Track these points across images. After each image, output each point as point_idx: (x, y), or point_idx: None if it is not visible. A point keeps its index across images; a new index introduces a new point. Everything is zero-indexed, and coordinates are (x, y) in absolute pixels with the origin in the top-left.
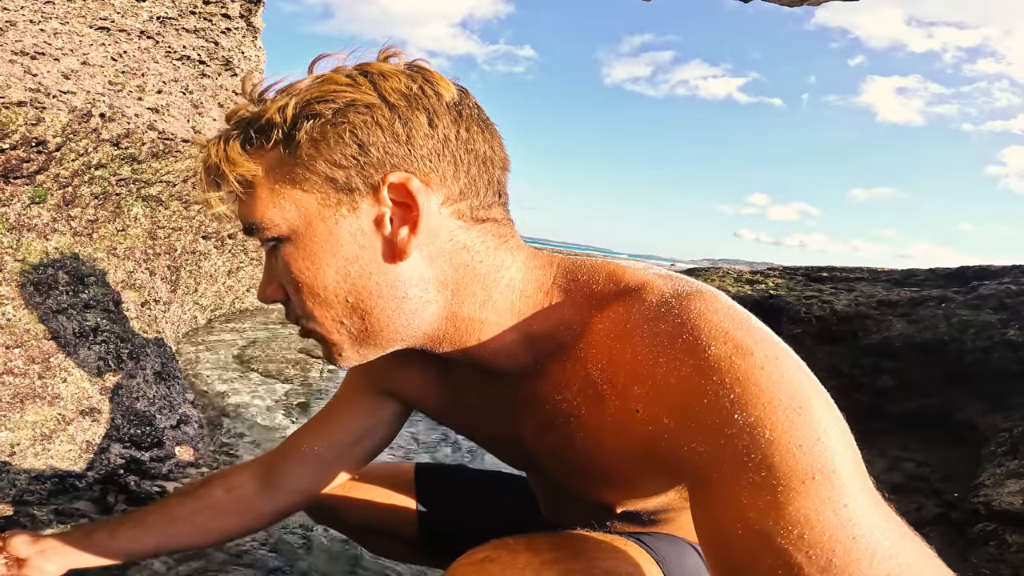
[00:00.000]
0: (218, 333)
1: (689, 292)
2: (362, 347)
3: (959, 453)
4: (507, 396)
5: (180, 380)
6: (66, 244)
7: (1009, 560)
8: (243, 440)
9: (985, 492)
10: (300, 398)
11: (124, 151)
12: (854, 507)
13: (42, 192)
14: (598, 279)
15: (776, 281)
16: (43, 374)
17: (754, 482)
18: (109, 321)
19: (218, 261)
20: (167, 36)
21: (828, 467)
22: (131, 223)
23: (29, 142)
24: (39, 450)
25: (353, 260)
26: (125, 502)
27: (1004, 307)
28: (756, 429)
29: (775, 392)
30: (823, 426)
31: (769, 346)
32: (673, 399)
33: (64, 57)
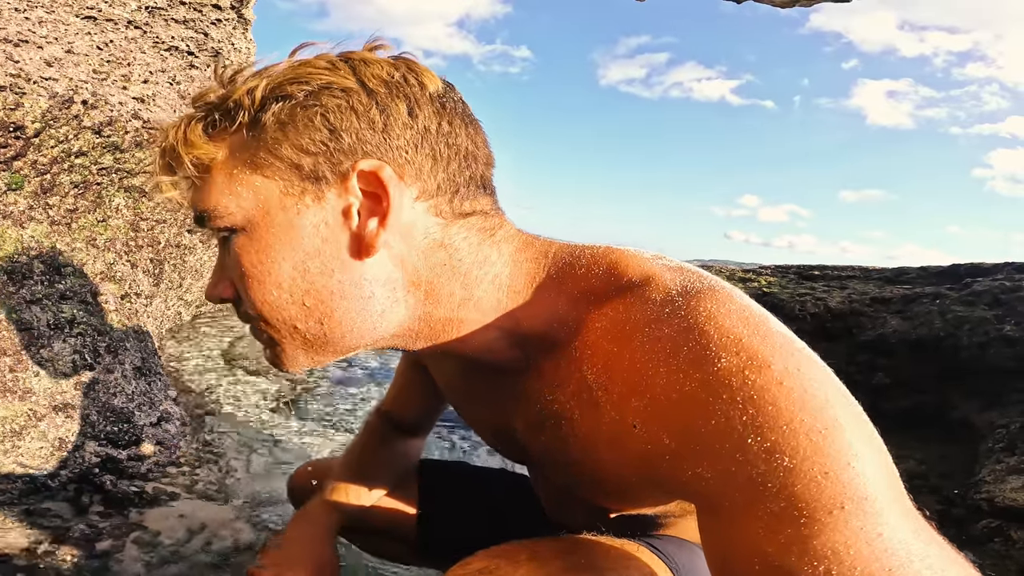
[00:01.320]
0: (203, 329)
1: (699, 290)
2: (317, 353)
3: (955, 450)
4: (498, 389)
5: (162, 376)
6: (43, 233)
7: (1015, 556)
8: (228, 439)
9: (987, 489)
10: (287, 395)
11: (106, 139)
12: (890, 536)
13: (19, 179)
14: (597, 272)
15: (768, 279)
16: (14, 367)
17: (772, 513)
18: (86, 313)
19: (204, 256)
20: (155, 26)
21: (859, 494)
22: (112, 214)
23: (7, 127)
24: (8, 447)
25: (314, 255)
26: (101, 503)
27: (999, 303)
28: (774, 455)
29: (796, 412)
30: (854, 449)
31: (789, 355)
32: (675, 418)
33: (48, 45)
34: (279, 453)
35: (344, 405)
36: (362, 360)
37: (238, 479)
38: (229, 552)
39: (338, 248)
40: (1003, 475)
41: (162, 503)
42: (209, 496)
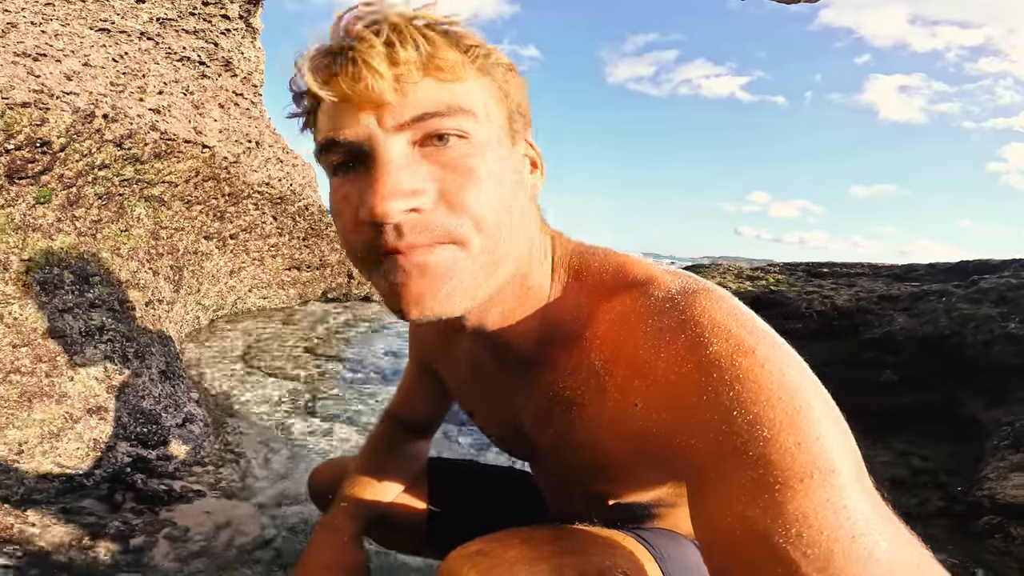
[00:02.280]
0: (221, 333)
1: (695, 289)
2: (488, 267)
3: (963, 448)
4: (510, 380)
5: (184, 379)
6: (71, 244)
7: (1015, 553)
8: (248, 439)
9: (989, 485)
10: (303, 396)
11: (127, 151)
12: (853, 507)
13: (47, 193)
14: (608, 269)
15: (777, 277)
16: (50, 372)
17: (752, 479)
18: (114, 320)
19: (220, 261)
20: (167, 37)
21: (827, 466)
22: (134, 223)
23: (34, 143)
24: (47, 448)
25: (515, 179)
26: (133, 500)
27: (1005, 300)
28: (755, 427)
29: (775, 391)
30: (823, 426)
31: (771, 346)
32: (672, 395)
33: (66, 58)
34: (296, 452)
35: (356, 405)
36: (373, 362)
37: (258, 477)
38: (252, 547)
39: (523, 180)
40: (1006, 472)
41: (190, 500)
42: (232, 494)
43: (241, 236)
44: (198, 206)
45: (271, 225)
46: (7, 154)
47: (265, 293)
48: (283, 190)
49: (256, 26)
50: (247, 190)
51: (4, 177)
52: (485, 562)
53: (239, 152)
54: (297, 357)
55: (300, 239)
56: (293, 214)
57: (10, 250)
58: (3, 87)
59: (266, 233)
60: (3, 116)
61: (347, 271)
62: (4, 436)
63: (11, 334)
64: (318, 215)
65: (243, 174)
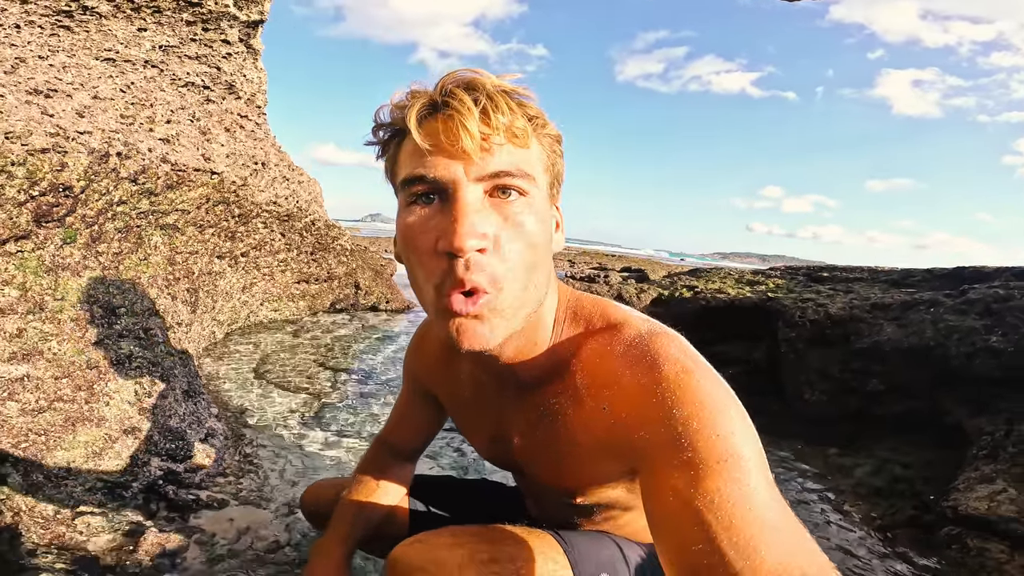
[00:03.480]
0: (235, 347)
1: (657, 331)
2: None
3: (945, 455)
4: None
5: (204, 396)
6: (97, 278)
7: (968, 564)
8: (264, 451)
9: (955, 496)
10: (313, 409)
11: (142, 186)
12: (754, 486)
13: (72, 233)
14: (596, 313)
15: (777, 282)
16: (89, 399)
17: (683, 460)
18: (140, 348)
19: (232, 279)
20: (171, 64)
21: (737, 454)
22: (152, 251)
23: (56, 188)
24: (92, 466)
25: (548, 236)
26: (166, 509)
27: (990, 312)
28: (688, 421)
29: (703, 397)
30: (737, 426)
31: (706, 371)
32: (631, 400)
33: (76, 92)
34: (308, 462)
35: (363, 415)
36: (380, 372)
37: (274, 486)
38: (270, 549)
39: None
40: (974, 484)
41: (215, 508)
42: (252, 502)
43: (252, 253)
44: (210, 229)
45: (280, 241)
46: (33, 200)
47: (276, 306)
48: (290, 207)
49: (257, 47)
50: (256, 210)
51: (32, 222)
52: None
53: (246, 175)
54: (307, 369)
55: (308, 253)
56: (300, 230)
57: (44, 291)
58: (22, 133)
59: (275, 249)
60: (25, 164)
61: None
62: (54, 457)
63: (52, 367)
64: (324, 229)
65: (251, 195)
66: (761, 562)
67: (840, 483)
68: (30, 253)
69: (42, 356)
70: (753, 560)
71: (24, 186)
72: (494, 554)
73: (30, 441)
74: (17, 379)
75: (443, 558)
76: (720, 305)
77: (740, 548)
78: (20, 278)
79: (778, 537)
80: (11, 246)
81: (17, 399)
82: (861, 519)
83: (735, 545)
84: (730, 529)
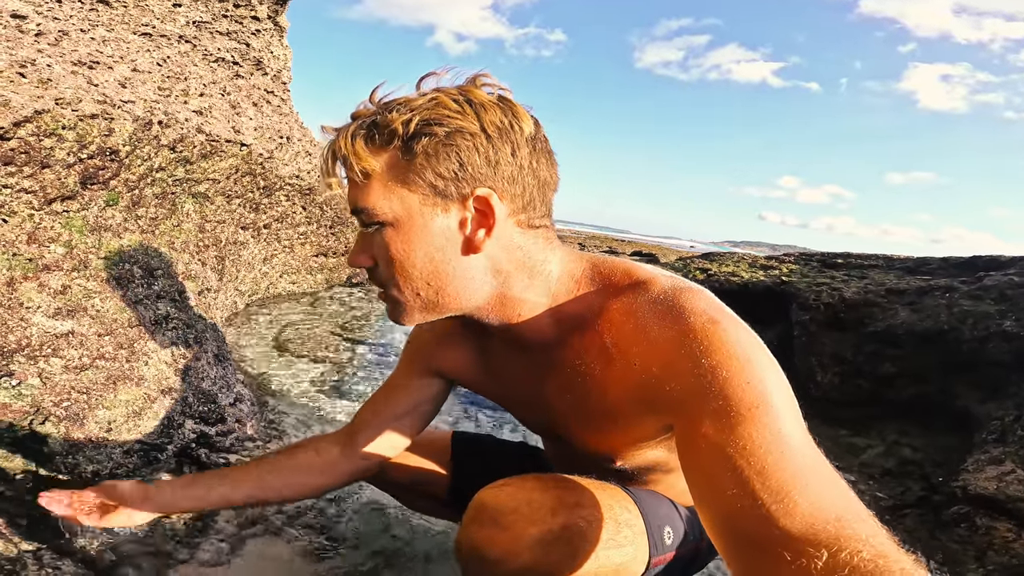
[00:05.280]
0: (256, 317)
1: (684, 287)
2: (428, 313)
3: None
4: (535, 363)
5: (232, 362)
6: (136, 241)
7: (976, 542)
8: (287, 418)
9: (964, 477)
10: (334, 377)
11: (179, 154)
12: (786, 432)
13: (115, 196)
14: (617, 272)
15: (791, 267)
16: (129, 358)
17: (714, 409)
18: (176, 309)
19: (255, 249)
20: (203, 39)
21: (768, 401)
22: (184, 218)
23: (104, 152)
24: (131, 426)
25: (439, 249)
26: (198, 471)
27: (1004, 298)
28: (717, 370)
29: (732, 347)
30: (767, 373)
31: (732, 321)
32: (661, 354)
33: (116, 65)
34: (329, 429)
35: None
36: (397, 346)
37: None
38: (297, 513)
39: (455, 246)
40: (983, 465)
41: None
42: None
43: (274, 226)
44: (237, 199)
45: (301, 215)
46: (81, 163)
47: (294, 279)
48: (312, 182)
49: (283, 25)
50: (279, 183)
51: (79, 184)
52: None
53: (272, 148)
54: (326, 341)
55: (327, 227)
56: (321, 204)
57: (88, 250)
58: (72, 100)
59: (296, 222)
60: (76, 128)
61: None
62: (96, 416)
63: (96, 324)
64: (343, 205)
65: (276, 168)
66: (795, 505)
67: (851, 463)
68: (75, 213)
69: (86, 312)
70: (787, 504)
71: (74, 149)
72: (579, 499)
73: (72, 399)
74: (62, 335)
75: (537, 500)
76: (733, 288)
77: (773, 492)
78: (66, 236)
79: (812, 481)
80: (58, 206)
81: (61, 355)
82: (870, 499)
83: (768, 489)
84: (763, 474)
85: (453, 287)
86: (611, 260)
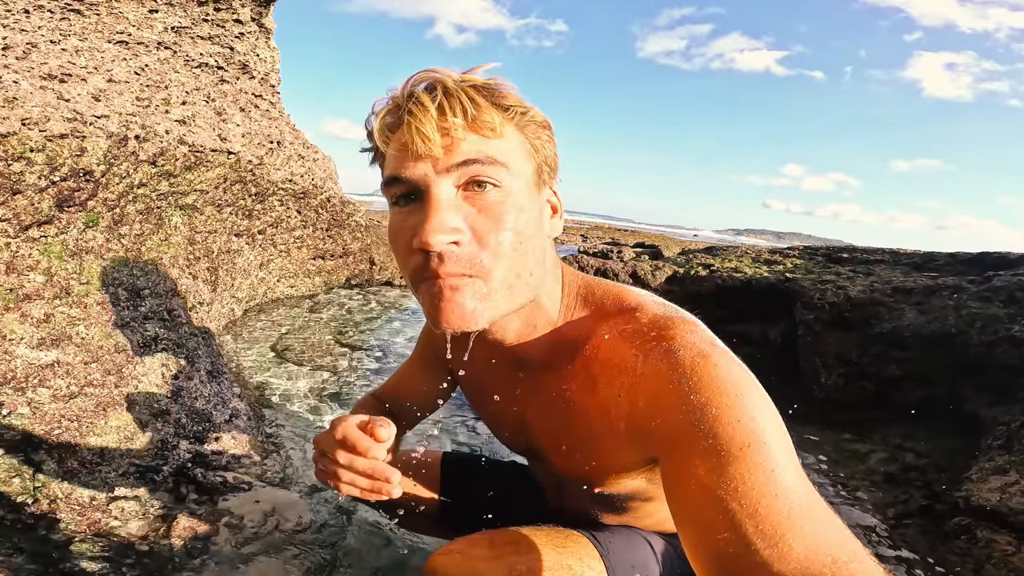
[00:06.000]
0: (254, 323)
1: (674, 317)
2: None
3: (960, 444)
4: (522, 382)
5: (227, 376)
6: (120, 261)
7: (975, 555)
8: (285, 431)
9: (967, 487)
10: (332, 387)
11: (160, 168)
12: (779, 472)
13: (94, 217)
14: (608, 297)
15: (795, 262)
16: (119, 383)
17: (704, 448)
18: (165, 329)
19: (250, 256)
20: (184, 45)
21: (760, 439)
22: (172, 232)
23: (77, 173)
24: (124, 450)
25: (534, 221)
26: (195, 491)
27: (1014, 300)
28: (706, 407)
29: (722, 382)
30: (758, 410)
31: (724, 355)
32: (648, 387)
33: (90, 76)
34: None
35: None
36: (396, 349)
37: (297, 467)
38: (295, 531)
39: (541, 224)
40: (987, 474)
41: (241, 490)
42: (275, 483)
43: (268, 231)
44: (228, 208)
45: (296, 219)
46: (54, 185)
47: (292, 282)
48: (305, 185)
49: (269, 26)
50: (272, 188)
51: (54, 207)
52: (458, 558)
53: (262, 154)
54: (325, 346)
55: (324, 230)
56: (316, 207)
57: (70, 276)
58: (39, 119)
59: (291, 226)
60: (44, 150)
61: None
62: (87, 443)
63: (82, 352)
64: (340, 206)
65: (267, 174)
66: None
67: (854, 469)
68: (53, 238)
69: (71, 341)
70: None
71: (44, 172)
72: (530, 564)
73: (63, 428)
74: (47, 365)
75: (481, 571)
76: (736, 285)
77: (767, 536)
78: (45, 263)
79: (806, 523)
80: (34, 231)
81: (48, 385)
82: (872, 508)
83: (762, 533)
84: (755, 516)
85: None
86: (603, 283)
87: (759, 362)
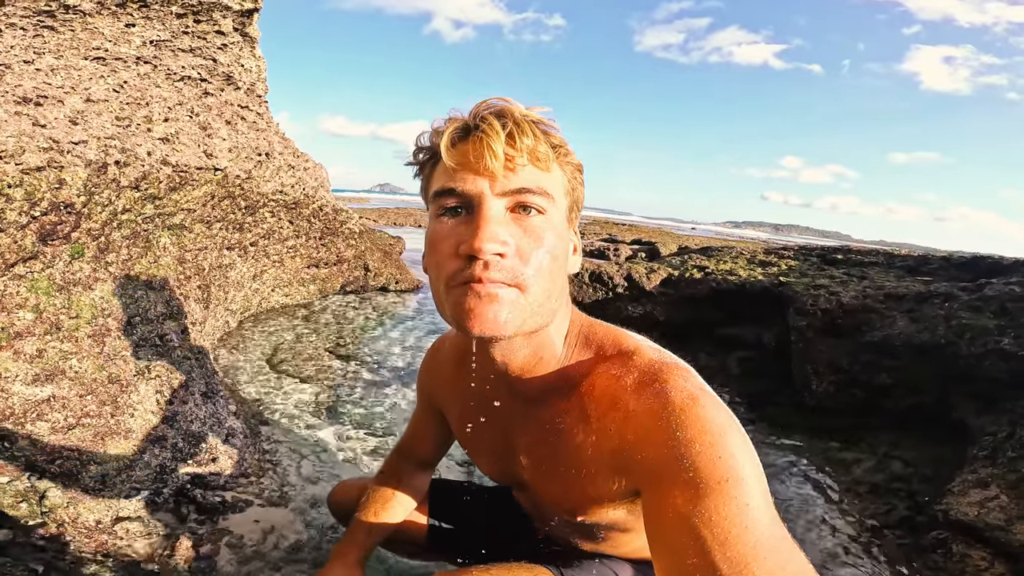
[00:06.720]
0: (249, 335)
1: (668, 362)
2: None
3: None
4: (513, 413)
5: (222, 394)
6: (109, 291)
7: (949, 569)
8: (281, 447)
9: (947, 500)
10: (327, 401)
11: (144, 192)
12: (753, 507)
13: (79, 248)
14: (608, 340)
15: (790, 263)
16: (114, 413)
17: (685, 480)
18: (158, 356)
19: (243, 268)
20: (164, 58)
21: (737, 476)
22: (161, 253)
23: (57, 206)
24: (124, 477)
25: (565, 253)
26: (195, 512)
27: (1005, 312)
28: (691, 443)
29: (708, 423)
30: (738, 450)
31: (711, 399)
32: (638, 423)
33: (67, 97)
34: (325, 458)
35: (374, 408)
36: (392, 363)
37: (294, 484)
38: (293, 549)
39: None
40: (968, 487)
41: (240, 510)
42: (273, 502)
43: (260, 242)
44: (217, 223)
45: (288, 229)
46: (35, 220)
47: (287, 291)
48: (296, 195)
49: (253, 35)
50: (262, 200)
51: (38, 242)
52: None
53: (250, 167)
54: (320, 358)
55: (316, 238)
56: (308, 216)
57: (58, 311)
58: (14, 151)
59: (284, 237)
60: (22, 184)
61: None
62: (89, 471)
63: (76, 386)
64: (332, 214)
65: (256, 187)
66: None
67: (839, 478)
68: (40, 273)
69: (64, 375)
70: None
71: (24, 207)
72: None
73: (64, 457)
74: (44, 400)
75: None
76: (731, 288)
77: (733, 563)
78: (33, 300)
79: (771, 555)
80: (20, 268)
81: (46, 419)
82: (854, 519)
83: (728, 560)
84: (725, 544)
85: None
86: (604, 326)
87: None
